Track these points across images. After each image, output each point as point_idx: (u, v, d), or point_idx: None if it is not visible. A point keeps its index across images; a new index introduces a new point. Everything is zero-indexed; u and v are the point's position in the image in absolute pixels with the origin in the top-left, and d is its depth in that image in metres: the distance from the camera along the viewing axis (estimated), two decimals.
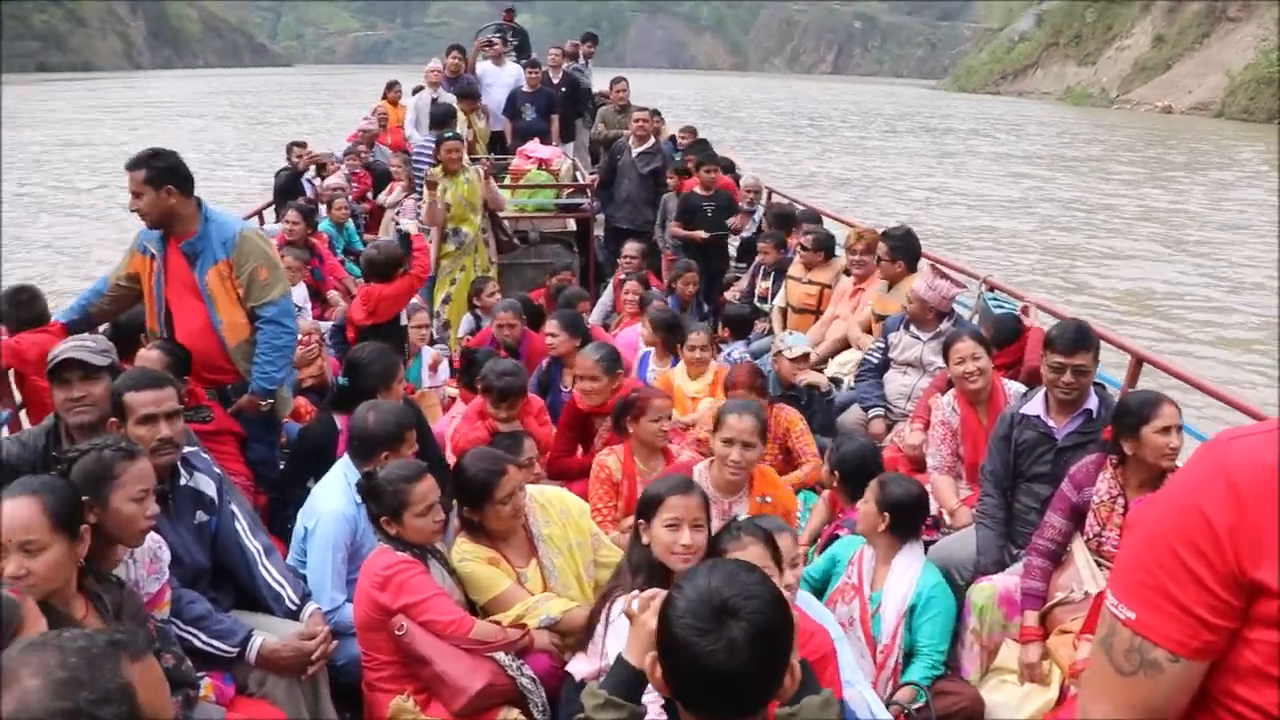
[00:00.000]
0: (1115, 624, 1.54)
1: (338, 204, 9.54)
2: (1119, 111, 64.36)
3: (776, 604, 1.86)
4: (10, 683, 1.51)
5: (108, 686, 1.52)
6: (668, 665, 1.89)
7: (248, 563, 3.86)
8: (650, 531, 3.28)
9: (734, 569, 1.93)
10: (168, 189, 4.71)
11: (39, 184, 26.93)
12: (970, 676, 4.20)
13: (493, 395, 5.20)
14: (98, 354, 3.94)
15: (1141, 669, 1.51)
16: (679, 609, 1.85)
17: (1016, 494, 4.61)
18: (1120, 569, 1.60)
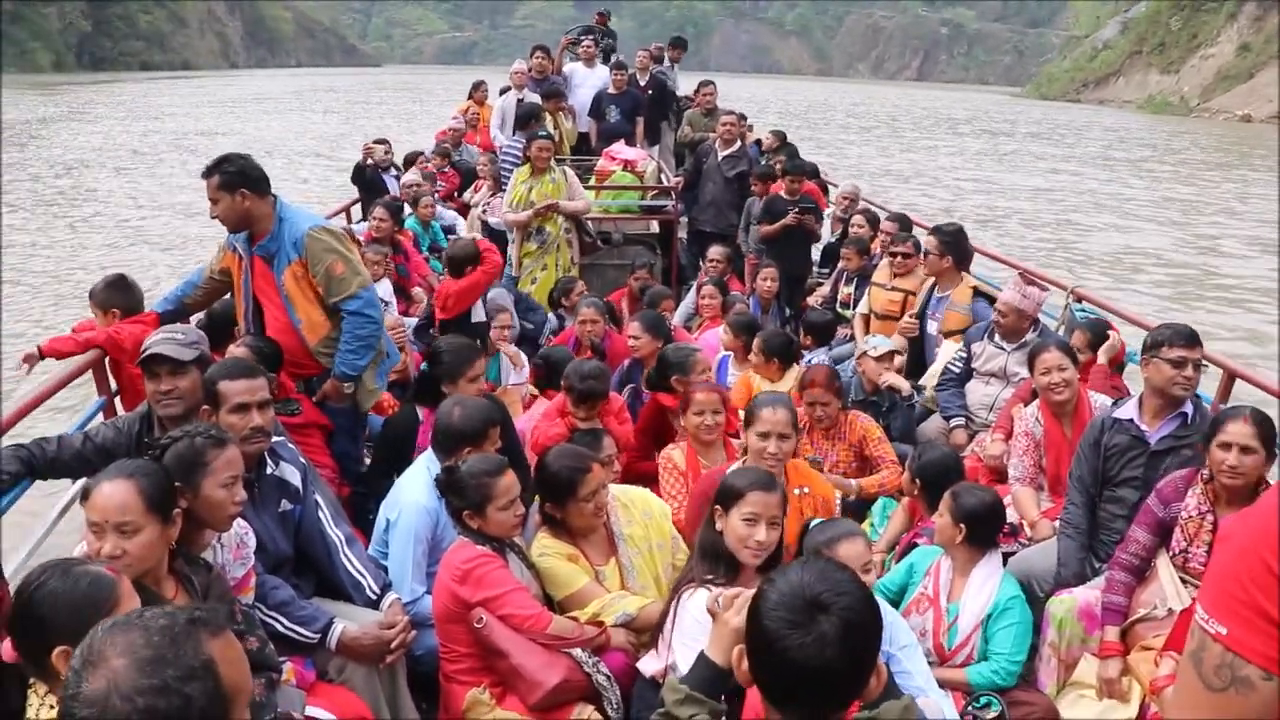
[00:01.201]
0: (1205, 639, 1.50)
1: (424, 201, 9.65)
2: (1196, 119, 64.21)
3: (867, 602, 1.88)
4: (99, 662, 1.56)
5: (191, 663, 1.57)
6: (755, 657, 1.90)
7: (329, 551, 3.94)
8: (727, 522, 3.30)
9: (826, 566, 1.94)
10: (240, 193, 4.79)
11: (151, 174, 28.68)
12: (1047, 690, 4.14)
13: (574, 396, 5.22)
14: (186, 346, 4.00)
15: (1233, 686, 1.46)
16: (771, 601, 1.87)
17: (1103, 501, 4.54)
18: (1211, 583, 1.56)
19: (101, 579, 2.36)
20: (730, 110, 11.32)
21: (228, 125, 44.53)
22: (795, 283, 9.29)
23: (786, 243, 9.30)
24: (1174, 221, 25.85)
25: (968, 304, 6.79)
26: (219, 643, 1.64)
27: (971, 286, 6.91)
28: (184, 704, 1.54)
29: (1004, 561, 4.38)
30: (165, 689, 1.54)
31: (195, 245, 18.11)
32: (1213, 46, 73.06)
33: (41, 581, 2.35)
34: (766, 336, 6.19)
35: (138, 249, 19.31)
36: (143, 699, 1.52)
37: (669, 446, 5.02)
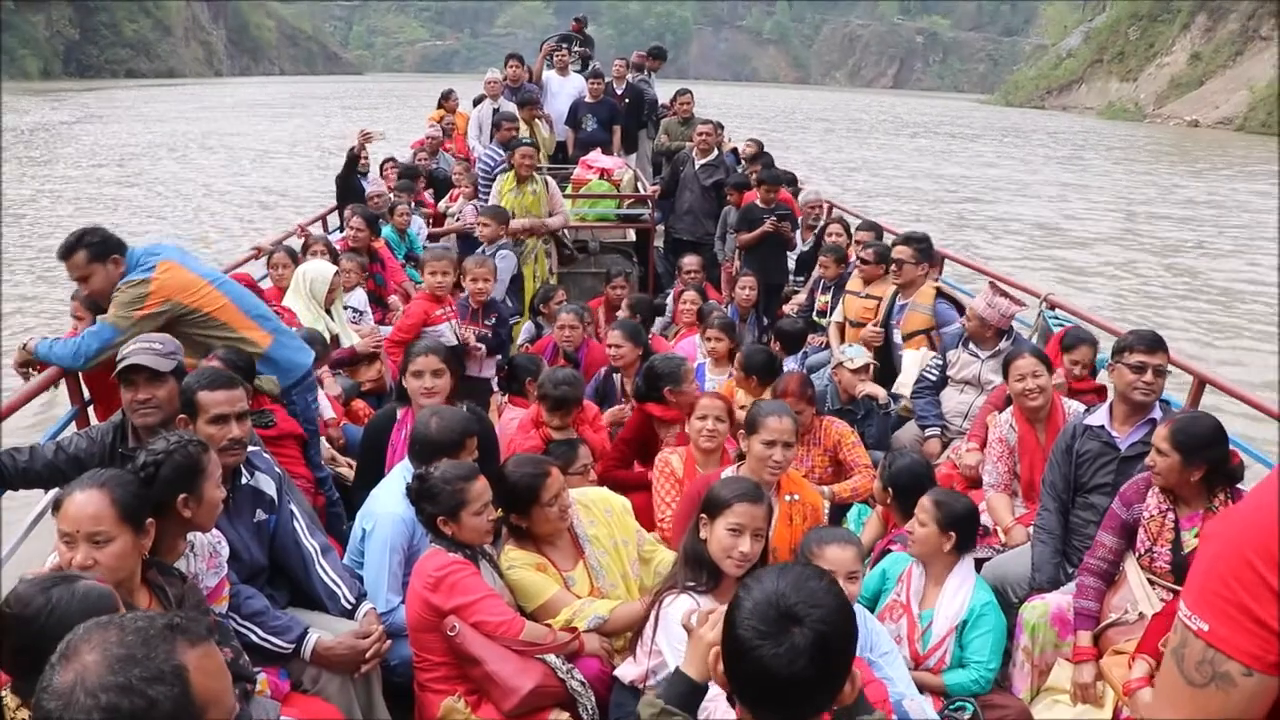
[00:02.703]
0: (1188, 635, 1.52)
1: (399, 210, 9.65)
2: (1148, 125, 67.39)
3: (841, 613, 1.87)
4: (72, 656, 1.57)
5: (161, 667, 1.57)
6: (729, 663, 1.91)
7: (305, 561, 3.94)
8: (711, 530, 3.32)
9: (804, 575, 1.93)
10: (113, 260, 4.74)
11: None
12: (1021, 695, 4.17)
13: (548, 404, 5.23)
14: (164, 356, 3.99)
15: (1214, 681, 1.48)
16: (745, 610, 1.87)
17: (1076, 507, 4.59)
18: (1194, 580, 1.58)
19: (104, 591, 2.35)
20: (707, 120, 11.36)
21: (236, 127, 47.72)
22: (772, 291, 9.31)
23: (762, 252, 9.33)
24: (1052, 198, 31.29)
25: (929, 304, 6.84)
26: (196, 652, 1.63)
27: (935, 287, 6.96)
28: (147, 706, 1.54)
29: (978, 567, 4.41)
30: (129, 688, 1.54)
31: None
32: (1168, 55, 75.98)
33: (46, 593, 2.34)
34: (749, 354, 6.20)
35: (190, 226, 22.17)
36: (105, 695, 1.53)
37: (666, 451, 5.04)
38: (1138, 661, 3.75)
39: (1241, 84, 63.19)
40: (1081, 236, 24.44)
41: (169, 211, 24.17)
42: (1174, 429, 3.91)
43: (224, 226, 22.28)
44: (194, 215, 23.81)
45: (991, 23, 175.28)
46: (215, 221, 22.94)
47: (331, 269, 6.92)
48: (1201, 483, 3.94)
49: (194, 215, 23.81)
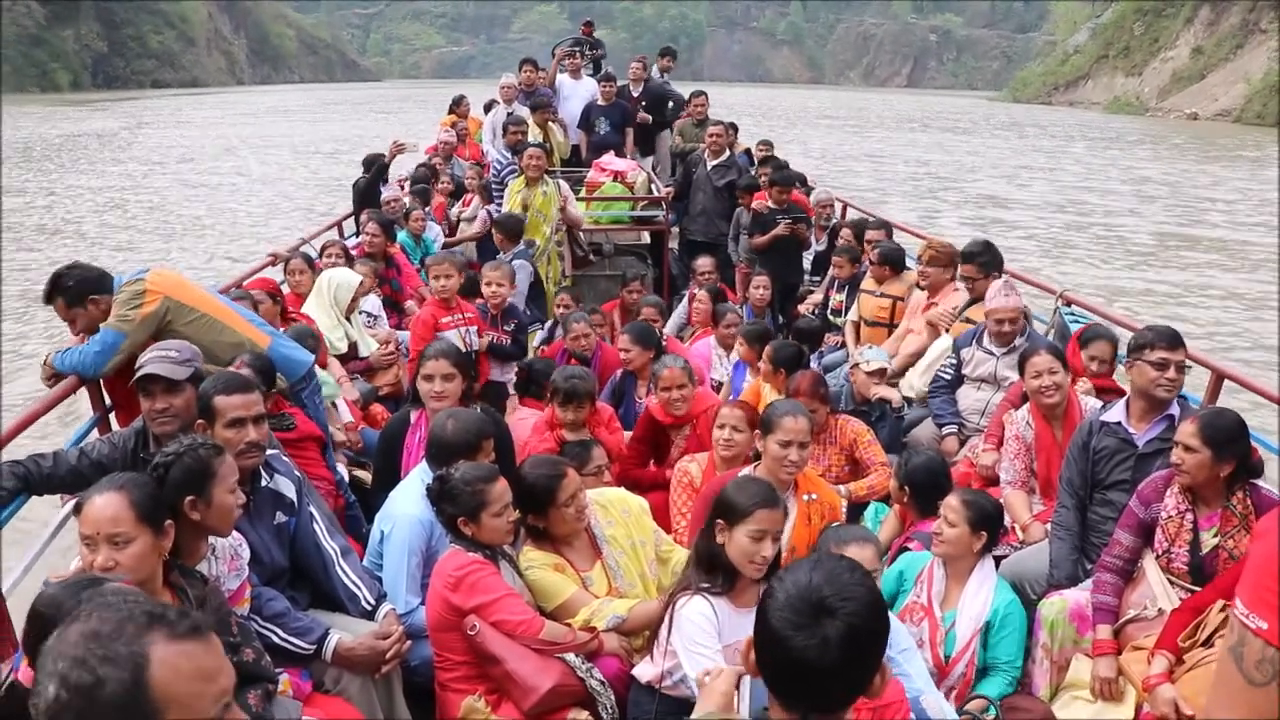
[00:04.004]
0: (1246, 634, 1.51)
1: (415, 215, 9.68)
2: (1149, 119, 68.55)
3: (874, 606, 1.88)
4: (68, 624, 1.61)
5: (119, 650, 1.57)
6: (761, 653, 1.92)
7: (325, 563, 3.96)
8: (730, 537, 3.33)
9: (837, 567, 1.94)
10: (90, 301, 4.79)
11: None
12: (1040, 692, 4.15)
13: (559, 398, 5.27)
14: (180, 364, 4.01)
15: (1275, 679, 1.48)
16: (778, 601, 1.88)
17: (1093, 504, 4.57)
18: (1250, 578, 1.56)
19: (130, 592, 2.38)
20: (719, 121, 11.37)
21: (275, 130, 51.49)
22: (788, 291, 9.33)
23: (778, 252, 9.33)
24: (1023, 184, 33.46)
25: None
26: (172, 647, 1.62)
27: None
28: (93, 683, 1.54)
29: (995, 565, 4.40)
30: (82, 663, 1.55)
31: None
32: (1171, 50, 76.36)
33: (76, 596, 2.36)
34: (777, 347, 6.22)
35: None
36: (62, 663, 1.55)
37: (685, 459, 5.05)
38: (1157, 657, 3.74)
39: (1240, 76, 63.85)
40: (1024, 212, 27.04)
41: (243, 201, 27.93)
42: (1203, 425, 3.89)
43: (306, 207, 25.32)
44: (269, 203, 27.43)
45: (1005, 20, 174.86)
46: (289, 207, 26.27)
47: (357, 278, 6.96)
48: (1224, 480, 3.93)
49: (269, 203, 27.43)
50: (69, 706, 1.55)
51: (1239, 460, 3.92)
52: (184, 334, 4.67)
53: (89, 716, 1.56)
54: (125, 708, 1.57)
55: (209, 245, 21.52)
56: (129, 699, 1.57)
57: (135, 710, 1.58)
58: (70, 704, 1.55)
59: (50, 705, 1.56)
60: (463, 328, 6.79)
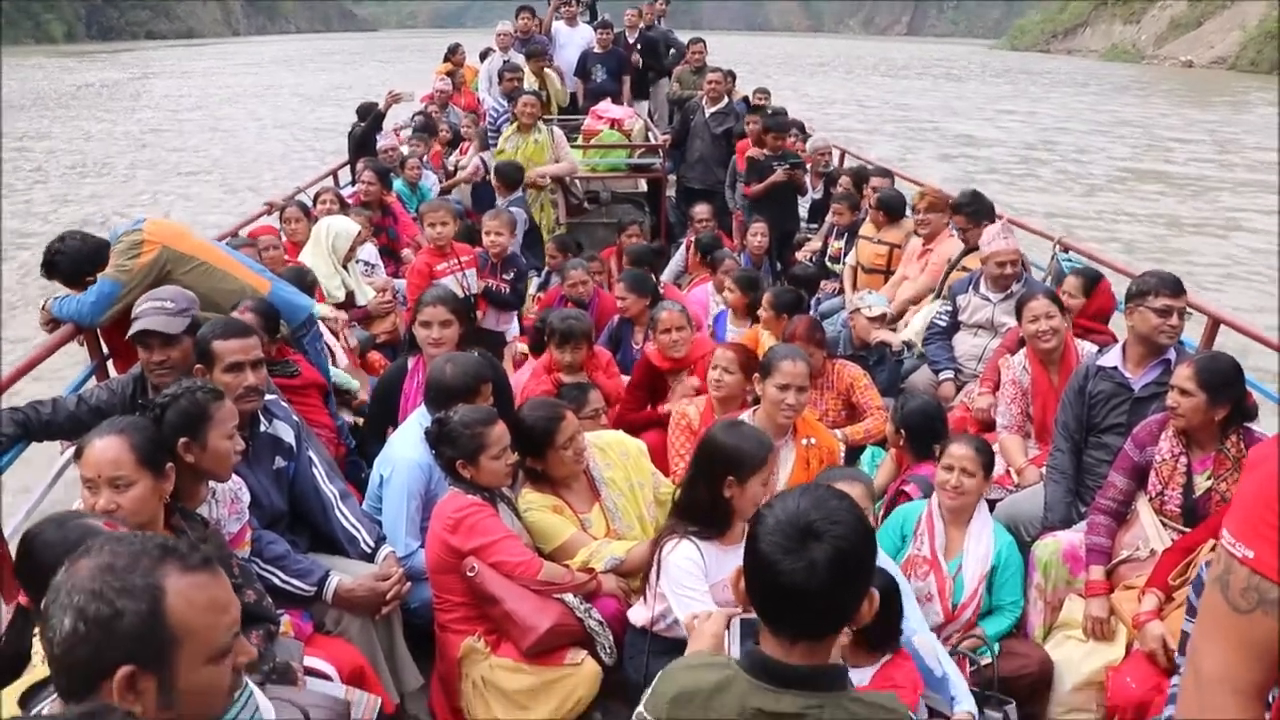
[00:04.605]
0: (1232, 562, 1.53)
1: (410, 164, 9.64)
2: (1144, 66, 69.07)
3: (860, 531, 1.89)
4: (78, 558, 1.65)
5: (135, 582, 1.62)
6: (750, 579, 1.94)
7: (324, 507, 3.99)
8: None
9: (824, 494, 1.95)
10: (85, 281, 4.80)
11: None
12: (1034, 632, 4.19)
13: (556, 338, 5.28)
14: (176, 316, 4.02)
15: (1259, 607, 1.49)
16: (767, 526, 1.90)
17: (1088, 447, 4.59)
18: (1239, 507, 1.58)
19: (92, 531, 2.40)
20: (717, 68, 11.30)
21: (279, 80, 52.59)
22: (784, 238, 9.30)
23: (775, 199, 9.30)
24: (1002, 126, 34.22)
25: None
26: (185, 578, 1.66)
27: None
28: (111, 615, 1.59)
29: (990, 508, 4.43)
30: (99, 595, 1.59)
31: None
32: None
33: (39, 532, 2.41)
34: (777, 293, 6.23)
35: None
36: (79, 597, 1.59)
37: (684, 402, 5.07)
38: (1147, 595, 3.78)
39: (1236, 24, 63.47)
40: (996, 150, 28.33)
41: (260, 142, 29.43)
42: (1199, 369, 3.90)
43: (321, 149, 25.89)
44: (286, 144, 28.60)
45: None
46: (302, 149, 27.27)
47: (355, 226, 6.95)
48: (1218, 423, 3.95)
49: (286, 144, 28.60)
50: (86, 639, 1.59)
51: (1234, 404, 3.94)
52: (183, 282, 4.67)
53: (106, 648, 1.59)
54: (142, 638, 1.61)
55: (232, 182, 22.67)
56: (146, 629, 1.61)
57: (153, 640, 1.61)
58: (88, 636, 1.59)
59: (66, 637, 1.59)
60: (459, 273, 6.78)
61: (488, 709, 3.63)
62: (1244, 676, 1.53)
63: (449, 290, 5.51)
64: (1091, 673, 3.91)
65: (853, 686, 1.95)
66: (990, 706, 3.69)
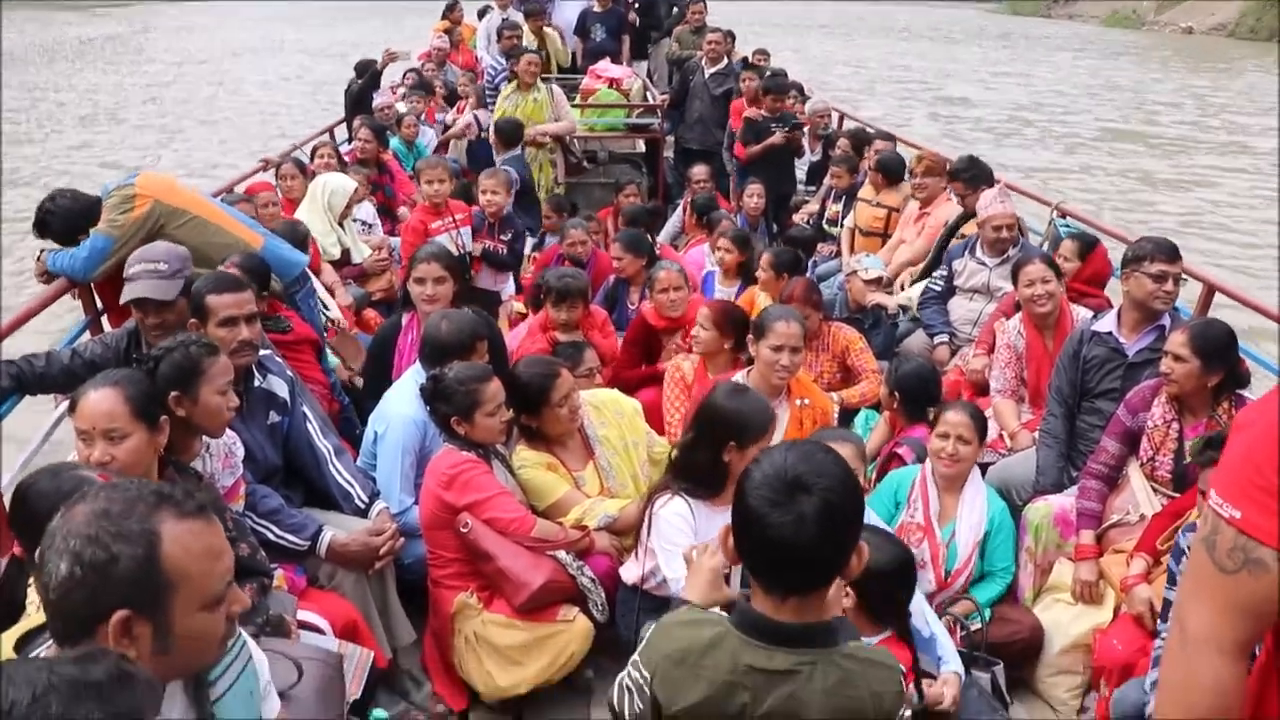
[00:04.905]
0: (1219, 523, 1.53)
1: (407, 121, 9.60)
2: (1144, 33, 68.50)
3: (848, 485, 1.89)
4: (71, 505, 1.65)
5: (131, 527, 1.63)
6: (739, 534, 1.94)
7: (318, 462, 3.99)
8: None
9: (811, 449, 1.96)
10: (79, 238, 4.79)
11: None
12: (1024, 595, 4.21)
13: (552, 297, 5.30)
14: (169, 279, 3.99)
15: (1245, 568, 1.50)
16: (754, 480, 1.90)
17: (1081, 412, 4.60)
18: (1226, 468, 1.58)
19: (85, 481, 2.41)
20: (716, 28, 11.22)
21: (283, 35, 51.82)
22: (781, 200, 9.27)
23: (772, 161, 9.27)
24: (992, 88, 33.64)
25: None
26: (181, 525, 1.67)
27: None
28: (108, 560, 1.60)
29: (982, 471, 4.44)
30: (95, 540, 1.60)
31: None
32: None
33: (34, 483, 2.42)
34: (776, 253, 6.23)
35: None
36: (75, 542, 1.60)
37: (679, 357, 5.09)
38: (1136, 559, 3.80)
39: None
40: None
41: (270, 94, 29.38)
42: (1193, 335, 3.91)
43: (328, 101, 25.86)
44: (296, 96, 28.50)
45: None
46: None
47: (352, 184, 6.93)
48: (1211, 390, 3.96)
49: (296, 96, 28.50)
50: (83, 583, 1.60)
51: (1227, 371, 3.95)
52: (176, 237, 4.65)
53: (102, 592, 1.61)
54: (138, 583, 1.62)
55: (242, 132, 22.74)
56: (142, 574, 1.62)
57: (148, 585, 1.63)
58: (84, 580, 1.60)
59: (62, 582, 1.60)
60: (453, 231, 6.76)
61: (480, 664, 3.67)
62: (1228, 636, 1.54)
63: (444, 247, 5.49)
64: (1079, 635, 3.94)
65: (846, 641, 1.96)
66: (978, 667, 3.70)
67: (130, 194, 4.74)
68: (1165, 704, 1.63)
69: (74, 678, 1.30)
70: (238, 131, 22.77)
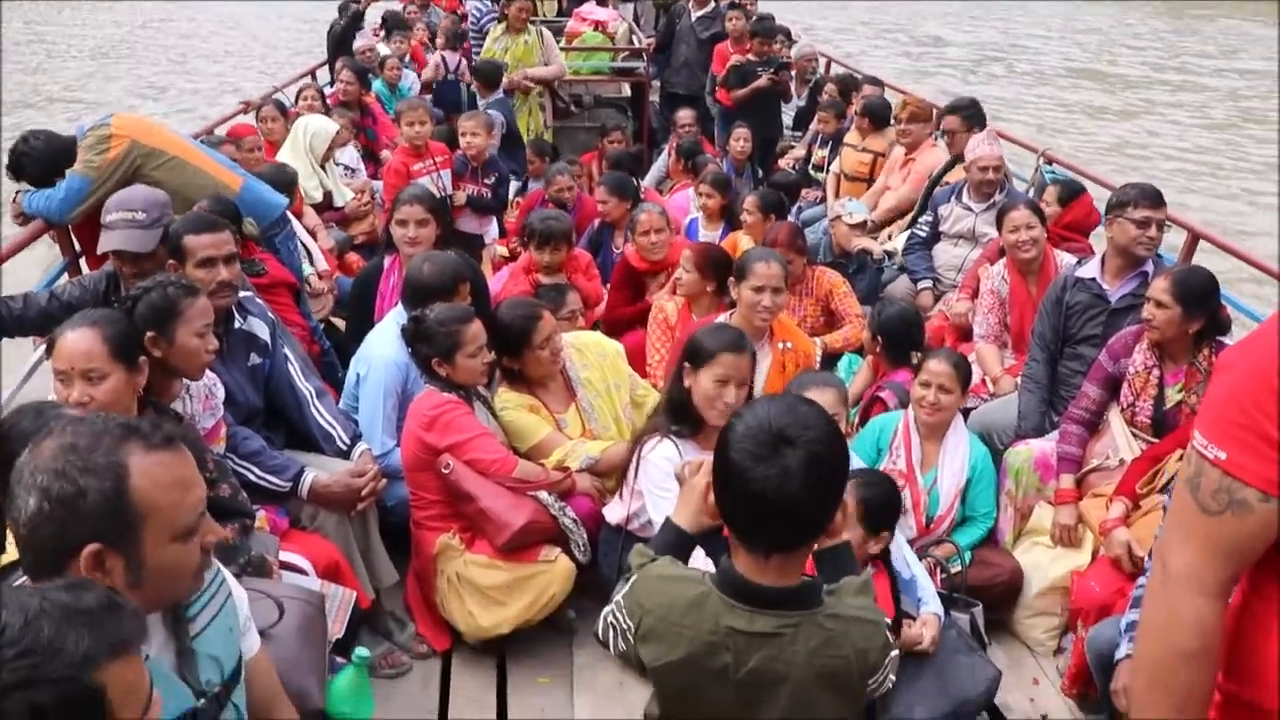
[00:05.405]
0: (1204, 465, 1.53)
1: (390, 64, 9.49)
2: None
3: (832, 437, 1.87)
4: (40, 440, 1.67)
5: (98, 460, 1.63)
6: (721, 489, 1.92)
7: (299, 404, 3.97)
8: (695, 380, 3.35)
9: (794, 401, 1.93)
10: (60, 176, 4.72)
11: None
12: (1005, 539, 4.24)
13: (536, 240, 5.27)
14: (147, 229, 3.94)
15: (1230, 509, 1.50)
16: (738, 434, 1.86)
17: (1064, 358, 4.62)
18: (1209, 409, 1.58)
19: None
20: None
21: None
22: (767, 145, 9.22)
23: (758, 106, 9.21)
24: (968, 30, 32.75)
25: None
26: (149, 457, 1.67)
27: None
28: (75, 494, 1.61)
29: (964, 416, 4.45)
30: (62, 474, 1.61)
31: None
32: None
33: (15, 422, 2.40)
34: (762, 194, 6.22)
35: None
36: (41, 477, 1.61)
37: (661, 296, 5.08)
38: (1115, 503, 3.83)
39: None
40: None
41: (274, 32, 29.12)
42: (1175, 281, 3.91)
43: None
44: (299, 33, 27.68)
45: None
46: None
47: (334, 126, 6.87)
48: (1192, 336, 3.97)
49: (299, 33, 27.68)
50: (51, 517, 1.60)
51: (1208, 317, 3.95)
52: (154, 178, 4.60)
53: (71, 526, 1.61)
54: (106, 516, 1.62)
55: (248, 64, 23.35)
56: (110, 507, 1.62)
57: (117, 518, 1.63)
58: (53, 514, 1.60)
59: (31, 517, 1.60)
60: (435, 173, 6.71)
61: (462, 605, 3.68)
62: (1211, 576, 1.55)
63: (426, 189, 5.46)
64: (1057, 578, 3.98)
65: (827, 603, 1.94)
66: (957, 609, 3.74)
67: (106, 134, 4.68)
68: (1147, 643, 1.64)
69: (65, 604, 1.31)
70: (244, 64, 23.19)
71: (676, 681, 1.95)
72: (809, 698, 1.90)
